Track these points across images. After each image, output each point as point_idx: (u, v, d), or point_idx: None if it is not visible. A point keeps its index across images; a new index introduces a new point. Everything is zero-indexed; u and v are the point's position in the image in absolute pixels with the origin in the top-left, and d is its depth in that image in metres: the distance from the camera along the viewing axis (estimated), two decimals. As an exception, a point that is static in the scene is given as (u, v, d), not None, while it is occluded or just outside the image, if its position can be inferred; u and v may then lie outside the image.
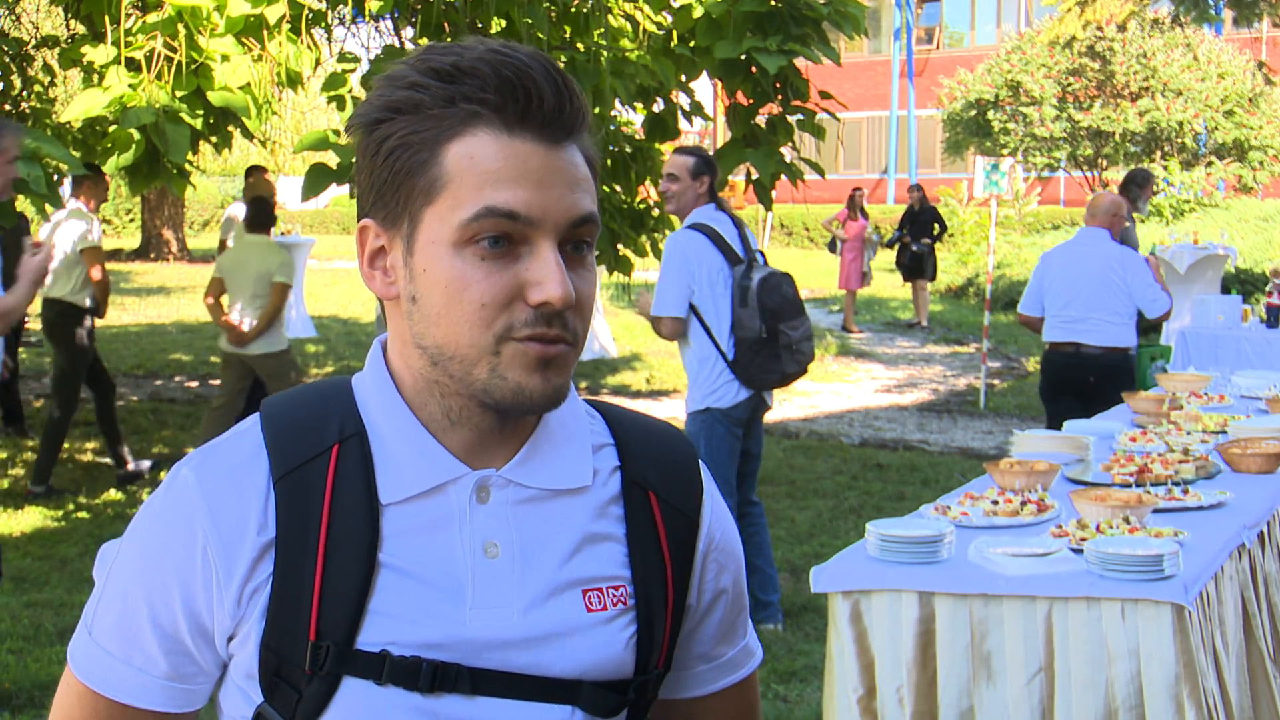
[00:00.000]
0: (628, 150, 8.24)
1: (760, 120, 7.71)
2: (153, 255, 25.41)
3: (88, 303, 8.01)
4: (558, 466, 1.28)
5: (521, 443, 1.27)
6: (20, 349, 12.90)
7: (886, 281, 21.00)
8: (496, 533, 1.25)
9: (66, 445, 9.32)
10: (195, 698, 1.29)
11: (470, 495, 1.25)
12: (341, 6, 7.08)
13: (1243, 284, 14.26)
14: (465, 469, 1.25)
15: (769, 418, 9.32)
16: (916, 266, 17.00)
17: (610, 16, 7.60)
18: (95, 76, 6.36)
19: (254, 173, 10.31)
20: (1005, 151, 24.39)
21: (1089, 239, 7.01)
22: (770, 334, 5.36)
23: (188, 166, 7.17)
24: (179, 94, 6.12)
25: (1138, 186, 9.20)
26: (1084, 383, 6.86)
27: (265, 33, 6.23)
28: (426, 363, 1.22)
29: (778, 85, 7.42)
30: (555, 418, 1.30)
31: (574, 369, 1.24)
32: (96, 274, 7.86)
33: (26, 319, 12.74)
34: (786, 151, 7.79)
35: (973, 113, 26.61)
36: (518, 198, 1.17)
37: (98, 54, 6.29)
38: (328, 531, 1.22)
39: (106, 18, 6.28)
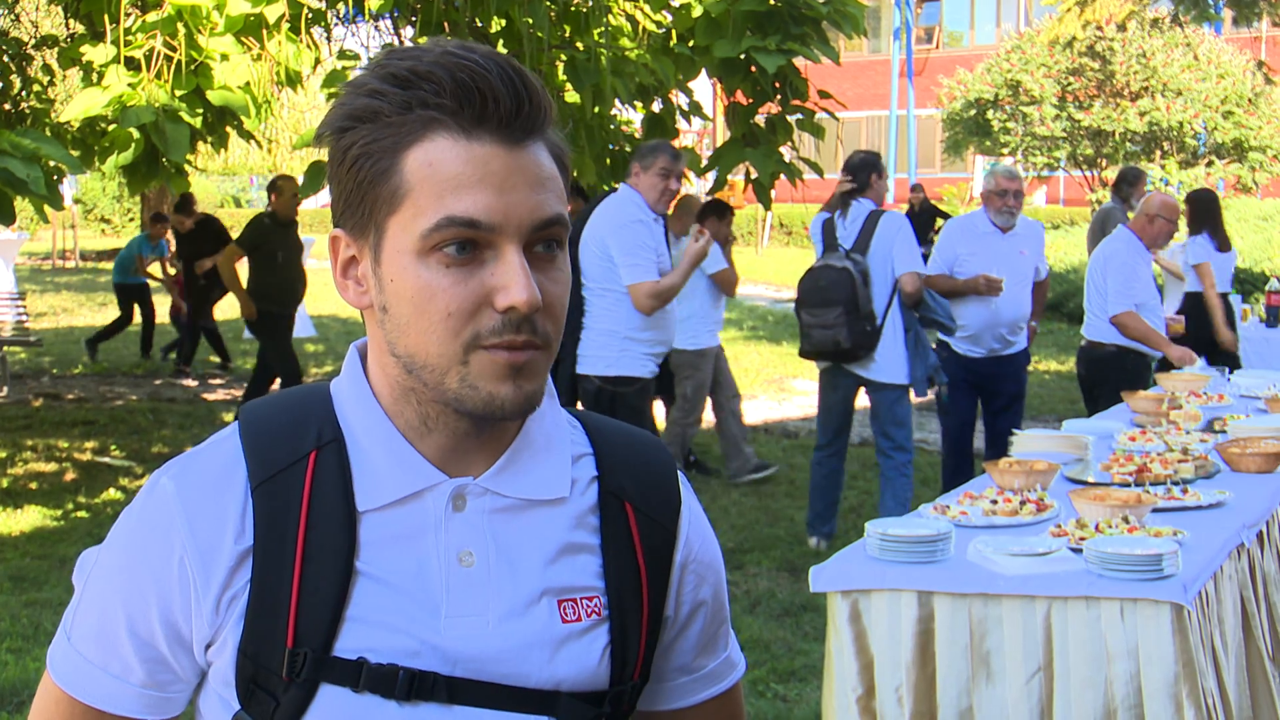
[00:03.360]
0: (627, 149, 8.24)
1: (759, 119, 7.71)
2: (152, 254, 25.36)
3: None
4: (536, 476, 1.27)
5: (500, 451, 1.26)
6: (19, 348, 12.90)
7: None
8: (471, 542, 1.24)
9: (64, 444, 9.34)
10: (172, 705, 1.29)
11: (446, 503, 1.24)
12: (341, 5, 7.08)
13: (1242, 284, 14.24)
14: (442, 476, 1.24)
15: (770, 415, 9.26)
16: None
17: (610, 15, 7.60)
18: (95, 76, 6.36)
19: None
20: (1005, 151, 24.36)
21: (1111, 238, 6.97)
22: (796, 315, 6.49)
23: (186, 166, 7.16)
24: (178, 93, 6.12)
25: (1129, 185, 9.19)
26: (1080, 376, 6.89)
27: (265, 32, 6.24)
28: (401, 370, 1.22)
29: (777, 85, 7.42)
30: (537, 426, 1.29)
31: (548, 372, 1.22)
32: None
33: (25, 317, 12.74)
34: (786, 151, 7.80)
35: (972, 112, 26.58)
36: (478, 204, 1.15)
37: (97, 53, 6.29)
38: (305, 539, 1.21)
39: (106, 17, 6.28)
